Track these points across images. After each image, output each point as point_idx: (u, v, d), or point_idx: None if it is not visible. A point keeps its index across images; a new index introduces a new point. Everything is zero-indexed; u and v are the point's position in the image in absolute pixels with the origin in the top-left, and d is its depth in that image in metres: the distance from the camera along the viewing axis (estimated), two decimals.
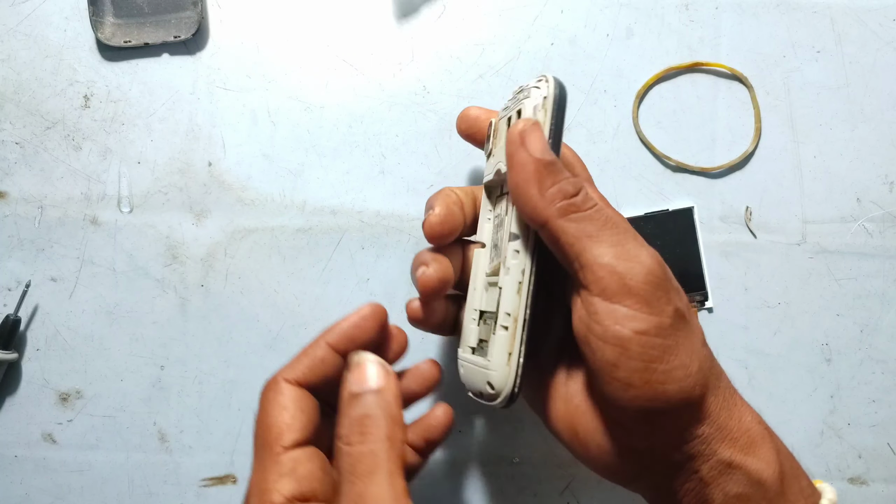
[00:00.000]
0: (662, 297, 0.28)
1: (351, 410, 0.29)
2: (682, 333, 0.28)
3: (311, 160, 0.45)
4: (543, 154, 0.30)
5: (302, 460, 0.29)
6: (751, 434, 0.30)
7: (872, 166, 0.45)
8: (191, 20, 0.44)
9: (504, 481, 0.44)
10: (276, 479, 0.28)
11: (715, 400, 0.30)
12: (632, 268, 0.28)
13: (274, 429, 0.29)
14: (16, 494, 0.44)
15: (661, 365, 0.28)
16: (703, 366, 0.29)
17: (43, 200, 0.45)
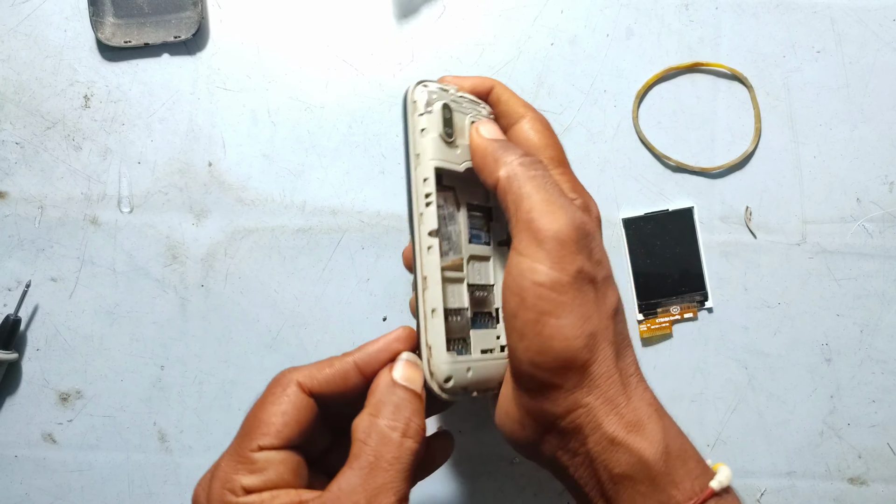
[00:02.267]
0: (566, 257, 0.30)
1: (392, 396, 0.31)
2: (580, 295, 0.30)
3: (311, 160, 0.45)
4: (495, 135, 0.34)
5: (278, 461, 0.30)
6: (638, 412, 0.30)
7: (872, 166, 0.45)
8: (191, 20, 0.45)
9: (504, 481, 0.44)
10: (246, 474, 0.30)
11: (606, 372, 0.30)
12: (546, 224, 0.30)
13: (263, 426, 0.30)
14: (16, 494, 0.44)
15: (553, 319, 0.29)
16: (599, 334, 0.30)
17: (43, 200, 0.45)
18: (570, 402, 0.30)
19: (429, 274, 0.33)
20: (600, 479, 0.30)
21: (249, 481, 0.30)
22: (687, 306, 0.44)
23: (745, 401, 0.44)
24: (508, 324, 0.31)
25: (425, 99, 0.33)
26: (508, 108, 0.36)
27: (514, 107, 0.36)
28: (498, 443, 0.44)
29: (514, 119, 0.36)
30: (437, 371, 0.32)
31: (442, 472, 0.44)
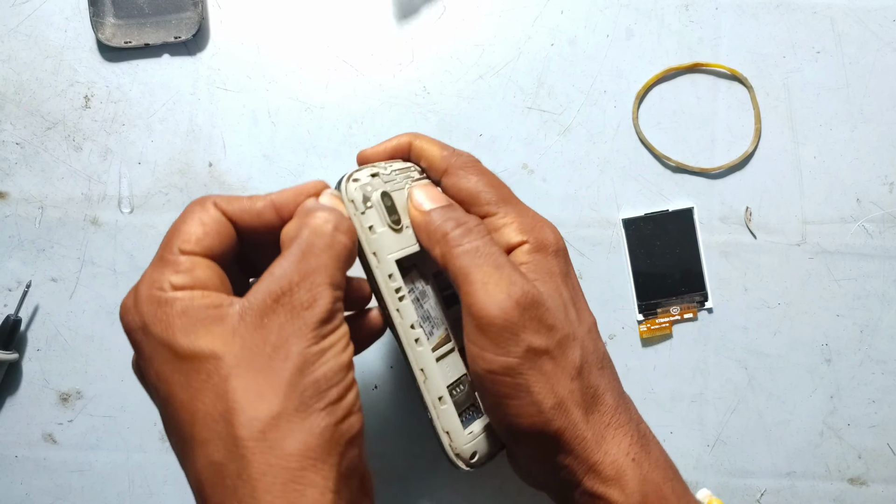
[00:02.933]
0: (510, 339, 0.30)
1: (320, 207, 0.31)
2: (535, 372, 0.30)
3: (312, 161, 0.45)
4: (434, 202, 0.33)
5: (201, 265, 0.29)
6: (617, 465, 0.31)
7: (872, 167, 0.45)
8: (191, 21, 0.45)
9: (504, 481, 0.44)
10: (172, 273, 0.29)
11: (577, 435, 0.31)
12: (483, 308, 0.30)
13: (184, 234, 0.30)
14: (16, 494, 0.44)
15: (513, 401, 0.30)
16: (564, 401, 0.30)
17: (43, 201, 0.45)
18: (553, 464, 0.32)
19: (424, 366, 0.33)
20: None
21: (177, 279, 0.28)
22: (687, 306, 0.44)
23: (745, 401, 0.44)
24: (480, 400, 0.32)
25: (361, 195, 0.33)
26: (431, 161, 0.35)
27: (432, 160, 0.35)
28: None
29: (440, 170, 0.35)
30: (462, 452, 0.33)
31: (442, 471, 0.44)
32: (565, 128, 0.45)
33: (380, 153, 0.36)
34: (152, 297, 0.28)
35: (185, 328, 0.27)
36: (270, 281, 0.28)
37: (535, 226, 0.34)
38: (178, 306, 0.28)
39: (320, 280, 0.29)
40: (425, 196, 0.33)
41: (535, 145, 0.45)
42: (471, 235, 0.31)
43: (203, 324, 0.27)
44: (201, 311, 0.28)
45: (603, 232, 0.45)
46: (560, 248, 0.34)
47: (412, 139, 0.36)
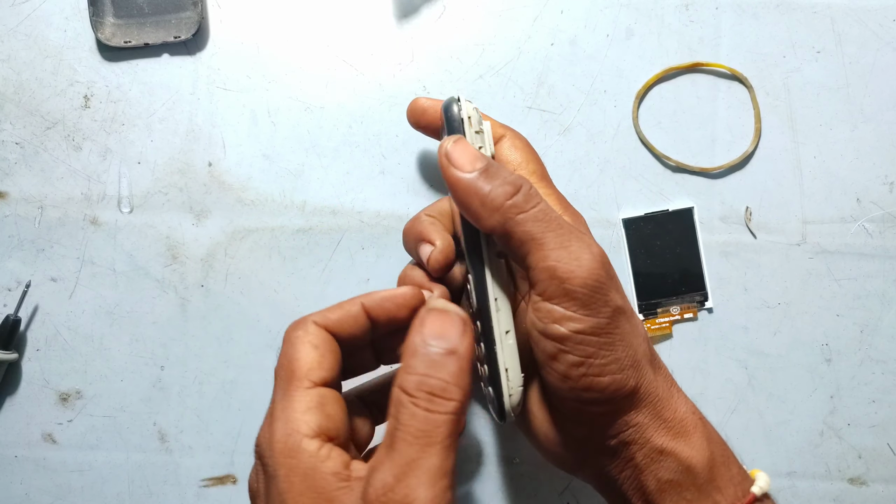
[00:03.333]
0: (600, 299, 0.30)
1: (430, 370, 0.27)
2: (618, 331, 0.30)
3: (311, 160, 0.45)
4: (473, 165, 0.31)
5: (329, 399, 0.29)
6: (684, 423, 0.31)
7: (872, 166, 0.45)
8: (191, 20, 0.44)
9: (504, 481, 0.44)
10: (304, 410, 0.28)
11: (650, 390, 0.31)
12: (572, 271, 0.29)
13: (304, 364, 0.29)
14: (16, 494, 0.44)
15: (597, 360, 0.30)
16: (638, 359, 0.31)
17: (43, 200, 0.45)
18: (620, 425, 0.31)
19: (499, 295, 0.32)
20: (646, 488, 0.31)
21: (311, 417, 0.28)
22: (687, 306, 0.44)
23: (745, 401, 0.44)
24: (547, 366, 0.31)
25: (478, 116, 0.32)
26: None
27: (493, 128, 0.36)
28: (498, 443, 0.44)
29: (496, 136, 0.36)
30: (515, 394, 0.32)
31: None
32: (565, 128, 0.45)
33: (437, 106, 0.37)
34: (287, 444, 0.27)
35: (304, 492, 0.27)
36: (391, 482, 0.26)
37: (568, 205, 0.36)
38: (305, 465, 0.27)
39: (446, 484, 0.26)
40: (466, 156, 0.31)
41: (535, 145, 0.45)
42: (533, 199, 0.30)
43: (324, 497, 0.27)
44: (326, 481, 0.27)
45: (603, 232, 0.45)
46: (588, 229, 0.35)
47: None
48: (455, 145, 0.31)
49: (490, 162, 0.31)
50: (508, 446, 0.44)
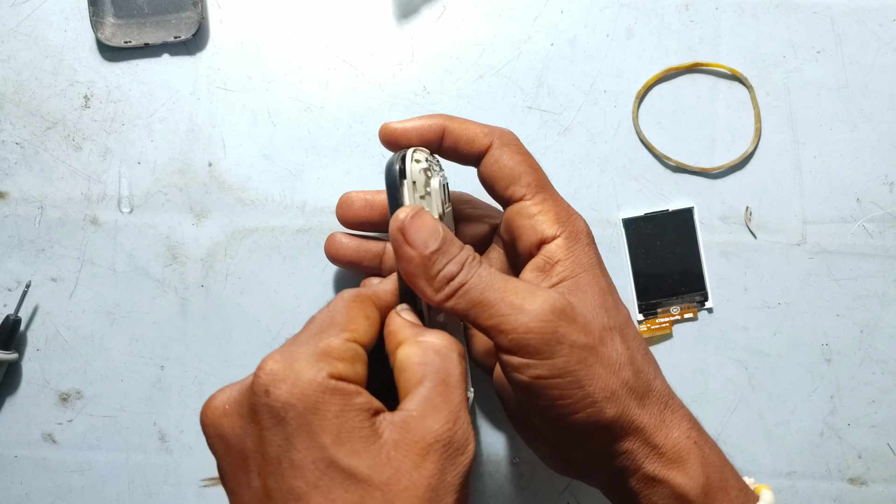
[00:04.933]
0: (552, 341, 0.30)
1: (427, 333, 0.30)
2: (583, 368, 0.30)
3: (311, 160, 0.45)
4: (427, 245, 0.30)
5: (363, 361, 0.29)
6: (677, 449, 0.31)
7: (872, 166, 0.45)
8: (191, 20, 0.45)
9: (504, 481, 0.44)
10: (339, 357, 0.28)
11: (634, 419, 0.31)
12: (515, 321, 0.30)
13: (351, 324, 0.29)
14: (16, 494, 0.44)
15: (566, 400, 0.30)
16: (614, 390, 0.31)
17: (43, 201, 0.45)
18: (609, 453, 0.31)
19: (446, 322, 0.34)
20: None
21: (342, 368, 0.27)
22: (687, 306, 0.44)
23: (745, 401, 0.44)
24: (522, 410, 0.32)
25: (424, 179, 0.31)
26: (472, 139, 0.34)
27: (474, 137, 0.34)
28: (498, 443, 0.44)
29: (480, 148, 0.34)
30: None
31: None
32: (565, 128, 0.45)
33: (409, 130, 0.34)
34: (316, 380, 0.26)
35: (339, 433, 0.26)
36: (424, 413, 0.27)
37: (570, 216, 0.34)
38: (337, 402, 0.26)
39: (467, 419, 0.28)
40: (422, 234, 0.31)
41: (535, 145, 0.45)
42: (472, 270, 0.31)
43: (358, 435, 0.26)
44: (357, 418, 0.26)
45: (603, 232, 0.45)
46: (592, 238, 0.34)
47: (446, 122, 0.34)
48: (412, 220, 0.31)
49: (443, 238, 0.31)
50: (508, 446, 0.44)
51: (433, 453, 0.26)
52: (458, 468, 0.27)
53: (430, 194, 0.32)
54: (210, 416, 0.28)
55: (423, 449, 0.26)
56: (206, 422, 0.28)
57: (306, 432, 0.26)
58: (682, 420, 0.32)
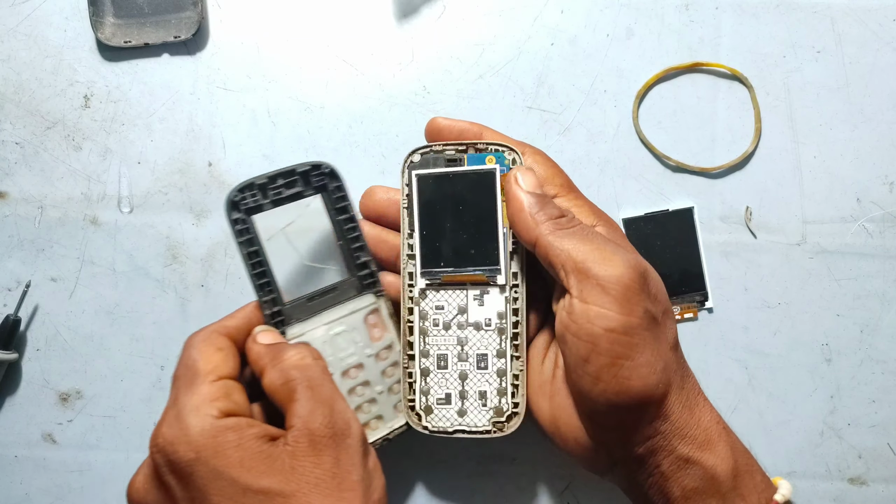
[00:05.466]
0: (633, 299, 0.31)
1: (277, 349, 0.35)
2: (649, 334, 0.31)
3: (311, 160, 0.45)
4: (534, 189, 0.35)
5: (234, 389, 0.32)
6: (709, 433, 0.32)
7: (872, 166, 0.45)
8: (191, 20, 0.44)
9: (504, 481, 0.44)
10: (214, 399, 0.31)
11: (677, 400, 0.32)
12: (606, 271, 0.31)
13: (209, 363, 0.33)
14: (16, 494, 0.44)
15: (628, 361, 0.31)
16: (668, 367, 0.32)
17: (43, 200, 0.45)
18: (648, 432, 0.32)
19: None
20: (672, 495, 0.32)
21: (223, 405, 0.31)
22: (687, 306, 0.44)
23: (745, 401, 0.44)
24: (579, 368, 0.32)
25: None
26: None
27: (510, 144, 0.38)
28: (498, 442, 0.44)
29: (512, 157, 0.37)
30: None
31: (442, 471, 0.44)
32: (565, 127, 0.45)
33: (452, 128, 0.38)
34: (206, 428, 0.30)
35: (243, 463, 0.30)
36: (305, 419, 0.31)
37: (601, 213, 0.36)
38: (232, 438, 0.30)
39: (342, 405, 0.32)
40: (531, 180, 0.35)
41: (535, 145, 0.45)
42: (574, 221, 0.34)
43: (260, 459, 0.30)
44: (254, 445, 0.30)
45: None
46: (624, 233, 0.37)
47: (484, 130, 0.38)
48: (525, 171, 0.35)
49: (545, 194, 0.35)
50: (509, 446, 0.44)
51: (323, 447, 0.30)
52: (350, 448, 0.31)
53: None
54: (134, 499, 0.33)
55: (315, 448, 0.30)
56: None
57: (215, 475, 0.29)
58: (711, 409, 0.33)
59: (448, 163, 0.38)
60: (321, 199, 0.39)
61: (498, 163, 0.37)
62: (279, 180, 0.38)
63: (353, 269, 0.40)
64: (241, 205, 0.38)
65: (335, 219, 0.40)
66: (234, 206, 0.37)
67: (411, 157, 0.38)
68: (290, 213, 0.39)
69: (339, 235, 0.40)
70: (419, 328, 0.39)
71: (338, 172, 0.39)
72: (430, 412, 0.39)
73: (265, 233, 0.38)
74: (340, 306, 0.39)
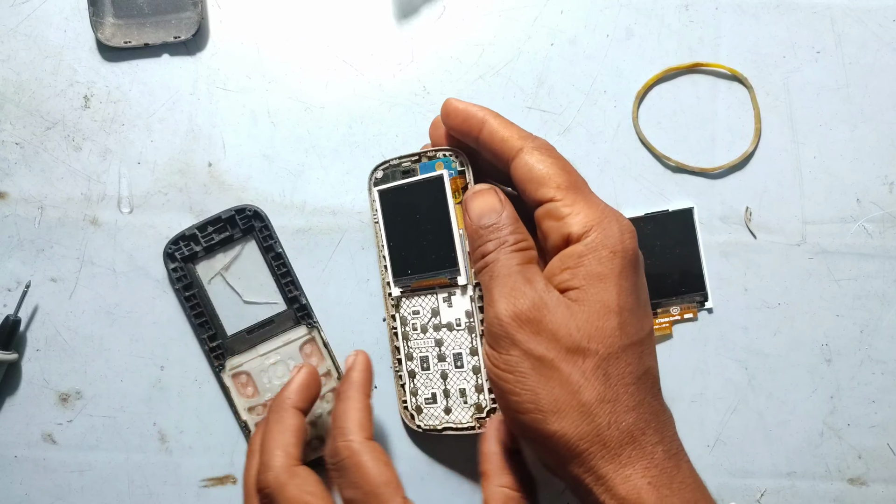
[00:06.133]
0: (507, 341, 0.32)
1: None
2: (533, 374, 0.31)
3: (311, 160, 0.45)
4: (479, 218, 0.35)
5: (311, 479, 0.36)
6: (634, 488, 0.30)
7: (872, 167, 0.45)
8: (191, 20, 0.44)
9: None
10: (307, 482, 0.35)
11: (591, 447, 0.31)
12: (489, 311, 0.33)
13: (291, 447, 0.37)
14: (16, 494, 0.44)
15: (513, 396, 0.32)
16: (563, 408, 0.31)
17: (43, 201, 0.45)
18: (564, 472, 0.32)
19: None
20: None
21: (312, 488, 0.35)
22: (687, 306, 0.44)
23: (745, 401, 0.44)
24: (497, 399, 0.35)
25: None
26: (505, 143, 0.35)
27: (510, 141, 0.35)
28: None
29: (511, 149, 0.35)
30: None
31: (442, 471, 0.44)
32: (565, 128, 0.45)
33: (458, 110, 0.37)
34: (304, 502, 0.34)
35: None
36: None
37: (602, 220, 0.33)
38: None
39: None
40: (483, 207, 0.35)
41: None
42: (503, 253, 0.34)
43: None
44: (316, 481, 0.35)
45: None
46: (621, 248, 0.32)
47: (489, 117, 0.36)
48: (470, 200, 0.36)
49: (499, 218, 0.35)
50: None
51: None
52: None
53: None
54: None
55: None
56: None
57: None
58: (647, 458, 0.31)
59: (403, 174, 0.40)
60: (251, 240, 0.44)
61: (446, 168, 0.39)
62: (208, 228, 0.43)
63: (287, 302, 0.43)
64: (176, 255, 0.43)
65: (266, 256, 0.43)
66: (169, 257, 0.43)
67: (374, 174, 0.41)
68: (225, 257, 0.44)
69: (272, 272, 0.43)
70: (401, 333, 0.41)
71: (262, 213, 0.43)
72: (420, 412, 0.41)
73: (205, 276, 0.43)
74: (276, 338, 0.43)
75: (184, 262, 0.43)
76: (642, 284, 0.34)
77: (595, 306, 0.31)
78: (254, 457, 0.38)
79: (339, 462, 0.35)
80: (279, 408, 0.38)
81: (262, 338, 0.43)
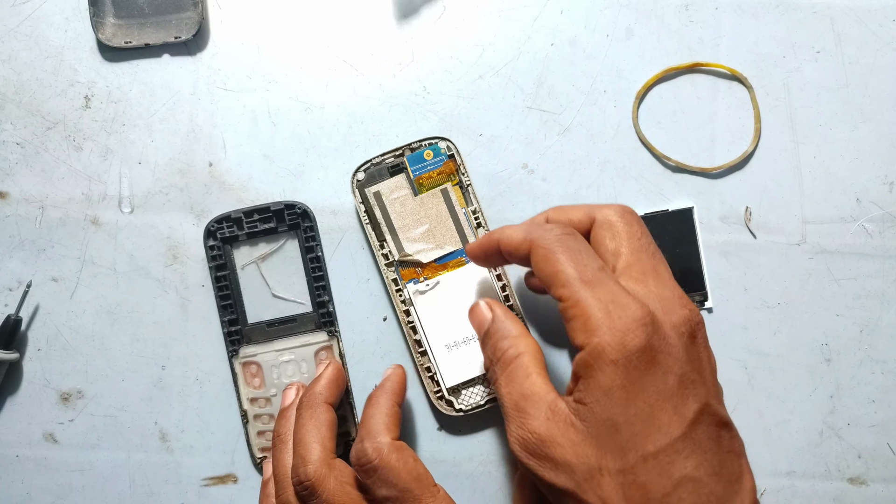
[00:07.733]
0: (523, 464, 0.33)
1: None
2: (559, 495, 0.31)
3: (312, 161, 0.45)
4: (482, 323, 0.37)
5: None
6: None
7: (872, 166, 0.45)
8: (191, 21, 0.45)
9: (504, 481, 0.44)
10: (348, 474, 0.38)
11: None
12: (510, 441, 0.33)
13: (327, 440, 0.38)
14: (17, 494, 0.44)
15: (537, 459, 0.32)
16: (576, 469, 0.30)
17: (44, 201, 0.45)
18: None
19: None
20: None
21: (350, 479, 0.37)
22: None
23: (745, 401, 0.44)
24: None
25: None
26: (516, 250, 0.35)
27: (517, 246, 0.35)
28: (498, 443, 0.45)
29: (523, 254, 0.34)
30: None
31: (442, 471, 0.44)
32: (565, 128, 0.45)
33: (475, 250, 0.38)
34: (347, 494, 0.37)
35: None
36: None
37: (605, 321, 0.30)
38: None
39: None
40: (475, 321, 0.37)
41: (535, 145, 0.45)
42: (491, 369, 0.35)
43: None
44: None
45: None
46: (623, 357, 0.29)
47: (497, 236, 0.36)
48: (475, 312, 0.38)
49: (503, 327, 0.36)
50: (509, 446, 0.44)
51: None
52: None
53: None
54: None
55: None
56: None
57: None
58: None
59: (391, 170, 0.42)
60: (293, 237, 0.44)
61: (436, 156, 0.42)
62: (255, 215, 0.43)
63: (314, 305, 0.44)
64: (217, 234, 0.43)
65: (304, 256, 0.43)
66: (210, 235, 0.43)
67: (356, 176, 0.42)
68: (265, 247, 0.44)
69: (306, 272, 0.43)
70: (420, 325, 0.42)
71: (311, 213, 0.43)
72: (458, 394, 0.42)
73: (240, 261, 0.44)
74: (295, 337, 0.43)
75: (223, 242, 0.43)
76: (661, 380, 0.30)
77: (598, 426, 0.30)
78: (284, 446, 0.40)
79: (369, 464, 0.36)
80: (312, 403, 0.39)
81: (280, 333, 0.44)
